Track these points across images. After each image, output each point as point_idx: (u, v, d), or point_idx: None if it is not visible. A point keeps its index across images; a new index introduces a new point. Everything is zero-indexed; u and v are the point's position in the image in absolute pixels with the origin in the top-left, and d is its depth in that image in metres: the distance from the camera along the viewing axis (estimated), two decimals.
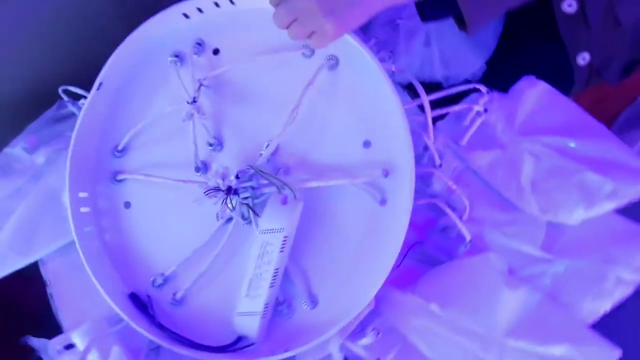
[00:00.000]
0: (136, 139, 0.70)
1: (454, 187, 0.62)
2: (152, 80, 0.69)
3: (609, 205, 0.67)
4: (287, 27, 0.56)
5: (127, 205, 0.70)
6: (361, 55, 0.60)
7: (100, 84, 0.67)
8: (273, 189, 0.61)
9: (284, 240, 0.59)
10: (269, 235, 0.59)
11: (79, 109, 0.75)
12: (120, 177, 0.70)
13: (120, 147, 0.70)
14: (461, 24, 0.57)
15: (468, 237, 0.63)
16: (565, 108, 0.74)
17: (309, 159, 0.64)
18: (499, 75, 0.85)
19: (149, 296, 0.69)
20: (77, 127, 0.67)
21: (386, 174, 0.61)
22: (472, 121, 0.70)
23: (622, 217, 0.69)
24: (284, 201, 0.59)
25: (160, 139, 0.69)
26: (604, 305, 0.62)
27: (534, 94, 0.74)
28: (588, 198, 0.67)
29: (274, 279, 0.61)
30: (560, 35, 0.79)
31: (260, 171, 0.61)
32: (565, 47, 0.80)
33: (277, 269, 0.61)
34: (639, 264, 0.64)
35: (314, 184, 0.62)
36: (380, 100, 0.60)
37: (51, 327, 0.71)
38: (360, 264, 0.63)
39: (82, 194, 0.69)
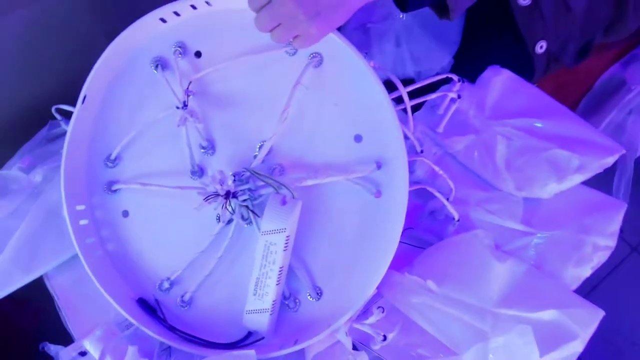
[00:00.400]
0: (127, 148, 0.71)
1: (440, 171, 0.67)
2: (137, 88, 0.69)
3: (578, 178, 0.73)
4: (270, 31, 0.57)
5: (125, 214, 0.72)
6: (344, 50, 0.61)
7: (85, 96, 0.68)
8: (270, 189, 0.64)
9: (287, 240, 0.62)
10: (272, 235, 0.62)
11: None
12: (115, 187, 0.71)
13: (112, 157, 0.71)
14: (441, 11, 0.61)
15: (456, 217, 0.67)
16: (528, 93, 0.80)
17: (302, 157, 0.66)
18: (466, 67, 0.91)
19: (157, 300, 0.72)
20: (66, 141, 0.68)
21: (379, 166, 0.63)
22: (447, 109, 0.75)
23: (590, 189, 0.76)
24: (283, 201, 0.62)
25: (152, 146, 0.70)
26: (585, 271, 0.68)
27: (499, 81, 0.80)
28: (558, 172, 0.72)
29: (279, 277, 0.63)
30: (517, 27, 0.85)
31: (257, 173, 0.63)
32: (523, 37, 0.86)
33: (282, 267, 0.63)
34: (611, 231, 0.70)
35: (309, 182, 0.64)
36: (367, 94, 0.62)
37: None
38: (361, 254, 0.65)
39: (79, 207, 0.71)
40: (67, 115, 0.75)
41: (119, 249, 0.73)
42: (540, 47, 0.86)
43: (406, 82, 0.68)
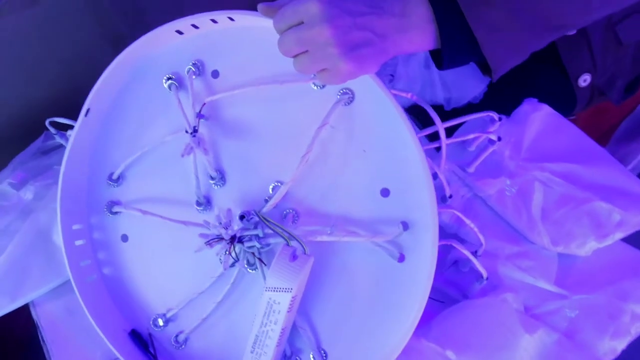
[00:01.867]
0: (131, 167, 0.65)
1: (472, 225, 0.60)
2: (145, 104, 0.63)
3: (619, 235, 0.67)
4: (294, 57, 0.50)
5: (125, 238, 0.67)
6: (378, 93, 0.53)
7: (88, 109, 0.62)
8: (280, 239, 0.57)
9: (292, 300, 0.56)
10: (276, 293, 0.55)
11: (67, 140, 0.71)
12: (116, 209, 0.66)
13: (115, 177, 0.65)
14: (484, 68, 0.54)
15: (485, 275, 0.61)
16: (568, 133, 0.73)
17: (320, 205, 0.58)
18: (500, 97, 0.84)
19: (150, 334, 0.66)
20: (66, 155, 0.62)
21: (406, 227, 0.55)
22: (483, 149, 0.68)
23: (629, 246, 0.69)
24: (293, 256, 0.55)
25: (158, 167, 0.64)
26: (621, 344, 0.61)
27: (538, 118, 0.73)
28: (599, 229, 0.66)
29: (280, 338, 0.57)
30: (560, 57, 0.78)
31: (267, 220, 0.57)
32: (565, 69, 0.79)
33: (284, 329, 0.57)
34: None
35: (325, 238, 0.56)
36: (400, 145, 0.54)
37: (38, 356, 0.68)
38: (374, 321, 0.58)
39: (75, 226, 0.65)
40: (62, 128, 0.69)
41: (114, 274, 0.67)
42: (584, 80, 0.79)
43: (434, 109, 0.61)
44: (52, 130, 0.69)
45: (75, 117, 0.66)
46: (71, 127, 0.67)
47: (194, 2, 0.59)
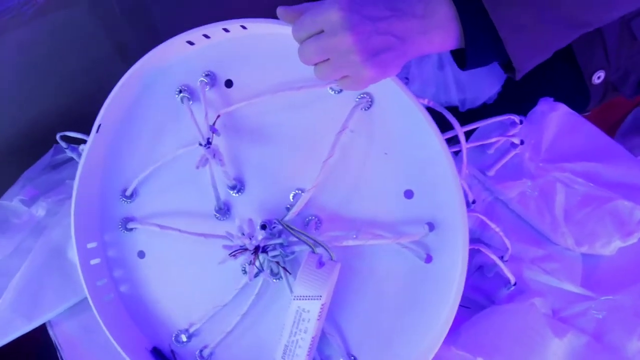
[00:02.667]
0: (145, 183, 0.64)
1: (497, 229, 0.59)
2: (157, 117, 0.61)
3: None
4: (315, 64, 0.49)
5: (141, 254, 0.65)
6: (398, 94, 0.53)
7: (99, 125, 0.60)
8: (305, 246, 0.56)
9: (322, 308, 0.55)
10: (305, 301, 0.54)
11: (79, 154, 0.69)
12: (131, 225, 0.64)
13: (128, 193, 0.64)
14: (507, 68, 0.53)
15: (513, 280, 0.60)
16: (586, 131, 0.73)
17: (343, 210, 0.58)
18: (514, 96, 0.83)
19: (172, 351, 0.65)
20: (78, 173, 0.61)
21: (432, 227, 0.55)
22: (504, 152, 0.68)
23: None
24: (320, 263, 0.54)
25: (172, 181, 0.63)
26: None
27: (555, 117, 0.72)
28: (622, 228, 0.65)
29: (311, 347, 0.56)
30: (574, 54, 0.77)
31: (291, 228, 0.56)
32: (579, 66, 0.78)
33: (314, 337, 0.56)
34: None
35: (350, 242, 0.56)
36: (423, 145, 0.53)
37: None
38: (404, 325, 0.58)
39: (90, 245, 0.64)
40: (73, 142, 0.68)
41: (132, 292, 0.66)
42: (598, 77, 0.78)
43: (449, 110, 0.60)
44: (63, 144, 0.67)
45: (83, 130, 0.65)
46: (82, 140, 0.66)
47: (203, 14, 0.57)
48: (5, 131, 0.72)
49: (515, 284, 0.61)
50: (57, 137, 0.66)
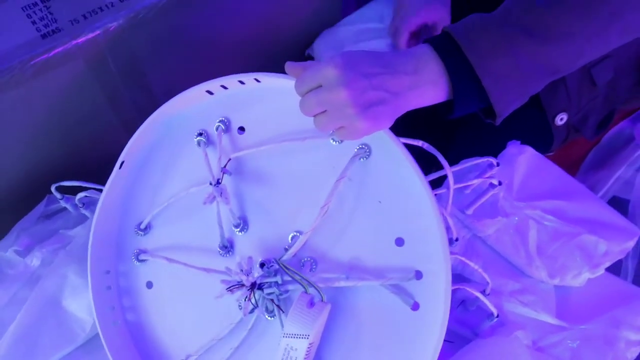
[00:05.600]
0: (158, 217, 0.69)
1: (476, 267, 0.63)
2: (174, 158, 0.67)
3: (607, 264, 0.71)
4: (315, 116, 0.54)
5: (149, 285, 0.70)
6: (393, 149, 0.57)
7: (122, 162, 0.66)
8: (298, 286, 0.59)
9: (309, 347, 0.57)
10: (294, 340, 0.57)
11: (73, 205, 0.71)
12: (143, 257, 0.69)
13: (142, 226, 0.68)
14: (487, 114, 0.58)
15: (495, 313, 0.64)
16: (552, 172, 0.78)
17: (336, 252, 0.61)
18: (482, 138, 0.88)
19: None
20: (99, 206, 0.66)
21: (419, 276, 0.58)
22: (479, 191, 0.72)
23: (616, 277, 0.74)
24: (311, 303, 0.57)
25: (183, 216, 0.68)
26: None
27: (524, 160, 0.77)
28: (590, 260, 0.70)
29: None
30: (538, 98, 0.83)
31: (287, 268, 0.59)
32: (543, 109, 0.84)
33: None
34: None
35: (342, 283, 0.59)
36: (414, 198, 0.57)
37: None
38: None
39: (105, 272, 0.69)
40: (67, 191, 0.70)
41: (138, 319, 0.70)
42: (561, 119, 0.84)
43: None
44: (58, 195, 0.68)
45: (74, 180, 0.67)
46: (76, 191, 0.68)
47: (190, 68, 0.61)
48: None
49: (497, 316, 0.65)
50: (52, 188, 0.68)
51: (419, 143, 0.59)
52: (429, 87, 0.53)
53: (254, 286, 0.60)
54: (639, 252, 1.06)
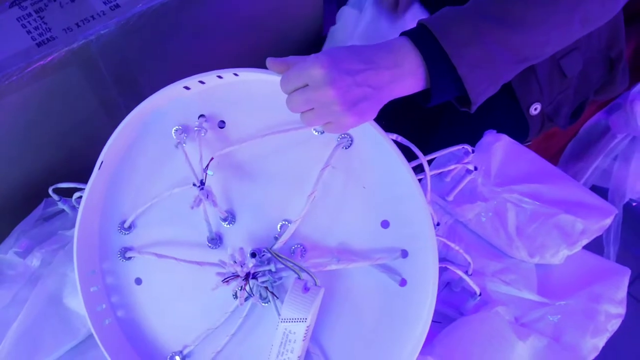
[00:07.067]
0: (142, 216, 0.69)
1: (457, 247, 0.66)
2: (154, 156, 0.67)
3: (584, 242, 0.75)
4: (302, 112, 0.56)
5: (138, 281, 0.70)
6: (374, 136, 0.60)
7: (102, 162, 0.66)
8: (291, 272, 0.62)
9: (307, 329, 0.60)
10: (292, 324, 0.60)
11: (70, 206, 0.74)
12: (129, 254, 0.69)
13: (126, 225, 0.69)
14: (462, 103, 0.62)
15: (478, 291, 0.67)
16: (528, 158, 0.82)
17: (325, 238, 0.64)
18: (461, 127, 0.92)
19: None
20: (81, 207, 0.66)
21: (405, 254, 0.61)
22: (457, 178, 0.76)
23: (593, 254, 0.77)
24: (305, 288, 0.60)
25: (168, 215, 0.68)
26: (601, 340, 0.68)
27: (500, 147, 0.80)
28: (567, 238, 0.74)
29: None
30: (512, 89, 0.87)
31: (279, 256, 0.62)
32: (518, 100, 0.88)
33: (300, 356, 0.61)
34: (619, 298, 0.72)
35: (333, 266, 0.62)
36: (398, 181, 0.60)
37: None
38: (382, 342, 0.63)
39: (91, 273, 0.69)
40: (64, 194, 0.72)
41: (129, 316, 0.71)
42: (535, 109, 0.88)
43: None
44: (55, 197, 0.71)
45: (72, 181, 0.70)
46: (74, 190, 0.71)
47: (180, 73, 0.64)
48: None
49: (480, 295, 0.68)
50: (50, 190, 0.71)
51: (393, 136, 0.62)
52: (408, 78, 0.57)
53: (249, 276, 0.62)
54: (620, 237, 1.10)
